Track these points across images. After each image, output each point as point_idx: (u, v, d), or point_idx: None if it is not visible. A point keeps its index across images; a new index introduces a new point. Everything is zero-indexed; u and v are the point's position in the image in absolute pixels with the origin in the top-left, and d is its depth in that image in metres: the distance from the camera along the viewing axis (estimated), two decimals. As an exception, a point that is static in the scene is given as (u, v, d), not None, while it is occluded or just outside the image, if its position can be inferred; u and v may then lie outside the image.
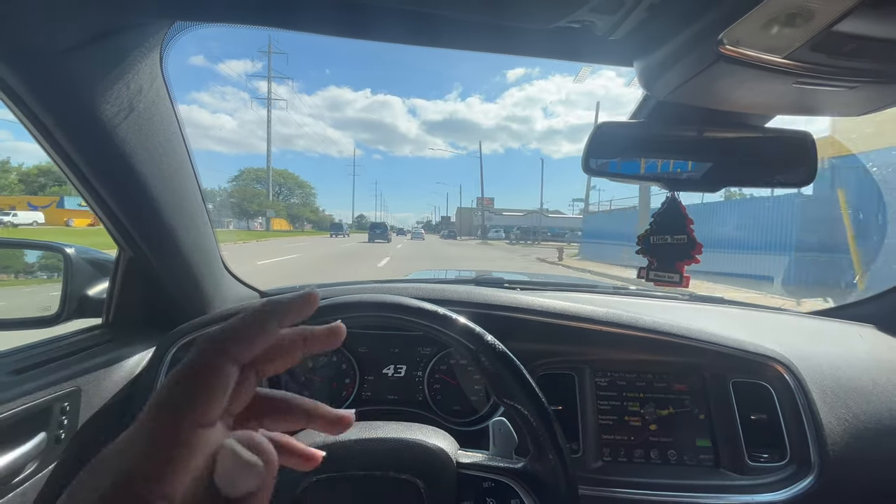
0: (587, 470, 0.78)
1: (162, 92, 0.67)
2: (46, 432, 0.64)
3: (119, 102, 0.59)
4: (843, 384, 0.81)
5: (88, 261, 0.87)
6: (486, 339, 0.53)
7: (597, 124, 0.71)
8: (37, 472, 0.62)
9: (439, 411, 0.88)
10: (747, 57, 0.45)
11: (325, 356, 0.91)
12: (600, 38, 0.53)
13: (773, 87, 0.50)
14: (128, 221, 0.74)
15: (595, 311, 0.86)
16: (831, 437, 0.75)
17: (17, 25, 0.49)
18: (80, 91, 0.56)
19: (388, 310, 0.55)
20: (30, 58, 0.51)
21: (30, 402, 0.62)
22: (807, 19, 0.40)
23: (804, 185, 0.69)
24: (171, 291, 0.88)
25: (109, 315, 0.87)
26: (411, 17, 0.53)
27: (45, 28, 0.50)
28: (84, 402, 0.70)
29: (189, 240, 0.84)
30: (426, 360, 0.91)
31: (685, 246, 0.76)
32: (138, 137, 0.65)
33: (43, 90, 0.55)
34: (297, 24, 0.55)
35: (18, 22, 0.48)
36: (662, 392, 0.84)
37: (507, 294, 0.91)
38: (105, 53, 0.56)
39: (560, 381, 0.85)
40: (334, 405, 0.99)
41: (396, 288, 0.94)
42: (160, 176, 0.72)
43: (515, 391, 0.52)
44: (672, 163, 0.73)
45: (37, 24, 0.49)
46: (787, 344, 0.86)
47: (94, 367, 0.74)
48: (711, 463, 0.79)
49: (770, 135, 0.69)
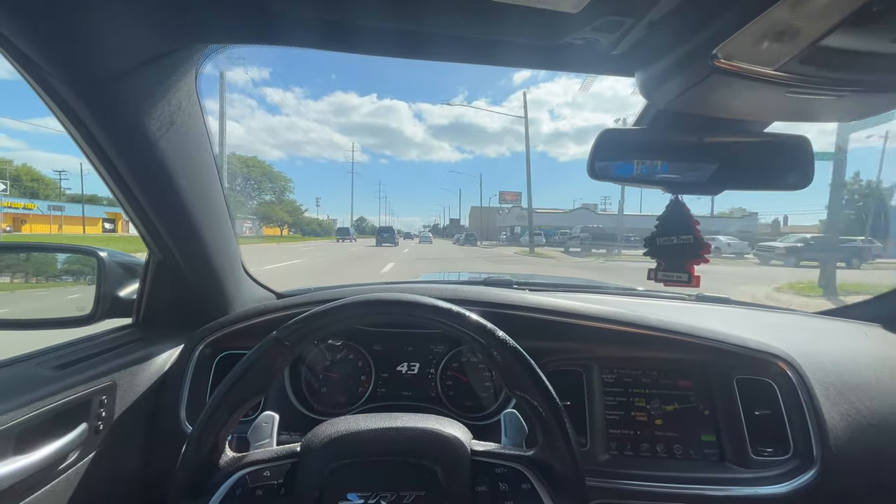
0: (595, 463, 0.81)
1: (196, 107, 0.72)
2: (87, 423, 0.69)
3: (161, 119, 0.64)
4: (847, 380, 0.83)
5: (119, 264, 0.92)
6: (497, 334, 0.57)
7: (601, 131, 0.75)
8: (79, 459, 0.67)
9: (451, 407, 0.91)
10: (740, 69, 0.48)
11: (342, 354, 0.95)
12: (603, 53, 0.56)
13: (767, 96, 0.53)
14: (162, 226, 0.79)
15: (602, 310, 0.89)
16: (833, 432, 0.77)
17: (78, 53, 0.54)
18: (128, 110, 0.62)
19: (405, 308, 0.58)
20: (88, 82, 0.57)
21: (72, 395, 0.66)
22: (794, 35, 0.43)
23: (802, 187, 0.72)
24: (196, 292, 0.93)
25: (140, 315, 0.92)
26: (422, 36, 0.57)
27: (100, 55, 0.56)
28: (119, 396, 0.75)
29: (214, 244, 0.89)
30: (439, 358, 0.94)
31: (692, 246, 0.78)
32: (175, 150, 0.70)
33: (97, 110, 0.60)
34: (320, 44, 0.59)
35: (79, 50, 0.54)
36: (668, 388, 0.87)
37: (516, 294, 0.95)
38: (150, 76, 0.61)
39: (568, 377, 0.88)
40: (351, 401, 1.03)
41: (410, 288, 0.98)
42: (192, 185, 0.77)
43: (527, 383, 0.55)
44: (674, 167, 0.76)
45: (94, 53, 0.55)
46: (790, 342, 0.88)
47: (127, 363, 0.78)
48: (716, 457, 0.81)
49: (768, 139, 0.72)
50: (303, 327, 0.56)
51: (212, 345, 0.89)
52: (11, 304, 0.96)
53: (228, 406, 0.54)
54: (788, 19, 0.42)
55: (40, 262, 1.01)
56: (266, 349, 0.55)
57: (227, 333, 0.89)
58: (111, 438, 0.72)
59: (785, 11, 0.40)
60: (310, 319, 0.56)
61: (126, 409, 0.76)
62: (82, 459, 0.68)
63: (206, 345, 0.88)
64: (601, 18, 0.47)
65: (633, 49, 0.55)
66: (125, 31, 0.55)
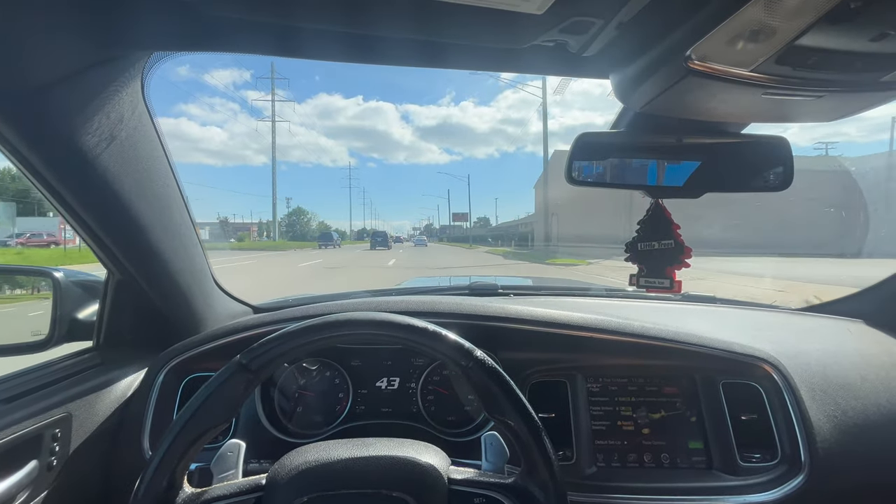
0: (581, 476, 0.78)
1: (144, 118, 0.67)
2: (38, 460, 0.64)
3: (99, 133, 0.59)
4: (832, 381, 0.82)
5: (77, 283, 0.87)
6: (475, 354, 0.54)
7: (578, 135, 0.72)
8: (29, 500, 0.62)
9: (433, 422, 0.88)
10: (715, 71, 0.46)
11: (317, 372, 0.92)
12: (574, 55, 0.54)
13: (743, 98, 0.51)
14: (113, 245, 0.75)
15: (585, 319, 0.87)
16: (820, 435, 0.76)
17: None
18: (59, 124, 0.57)
19: (378, 327, 0.55)
20: (9, 92, 0.52)
21: (20, 431, 0.62)
22: (769, 35, 0.41)
23: (782, 188, 0.70)
24: (161, 312, 0.88)
25: (100, 338, 0.87)
26: (390, 42, 0.54)
27: (21, 66, 0.51)
28: (76, 428, 0.70)
29: (178, 259, 0.84)
30: (419, 372, 0.91)
31: (673, 251, 0.77)
32: (121, 164, 0.66)
33: (22, 125, 0.55)
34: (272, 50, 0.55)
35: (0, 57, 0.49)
36: (654, 396, 0.85)
37: (498, 304, 0.92)
38: (83, 87, 0.57)
39: (552, 388, 0.85)
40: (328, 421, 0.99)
41: (388, 301, 0.94)
42: (145, 199, 0.72)
43: (506, 407, 0.53)
44: (653, 170, 0.74)
45: (13, 62, 0.50)
46: (775, 342, 0.87)
47: (84, 391, 0.73)
48: (704, 465, 0.80)
49: (747, 140, 0.70)
50: (268, 351, 0.52)
51: (177, 368, 0.84)
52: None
53: (186, 438, 0.50)
54: (763, 18, 0.40)
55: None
56: (228, 375, 0.51)
57: (194, 355, 0.85)
58: (66, 475, 0.68)
59: (759, 10, 0.38)
60: (275, 343, 0.53)
61: (82, 442, 0.71)
62: (33, 500, 0.63)
63: (170, 368, 0.83)
64: (567, 20, 0.45)
65: (605, 51, 0.52)
66: (45, 39, 0.50)
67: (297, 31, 0.51)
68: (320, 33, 0.51)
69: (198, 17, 0.50)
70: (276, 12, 0.46)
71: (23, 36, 0.49)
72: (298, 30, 0.51)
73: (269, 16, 0.47)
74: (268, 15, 0.47)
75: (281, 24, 0.50)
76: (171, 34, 0.54)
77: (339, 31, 0.50)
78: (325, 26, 0.49)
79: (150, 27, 0.53)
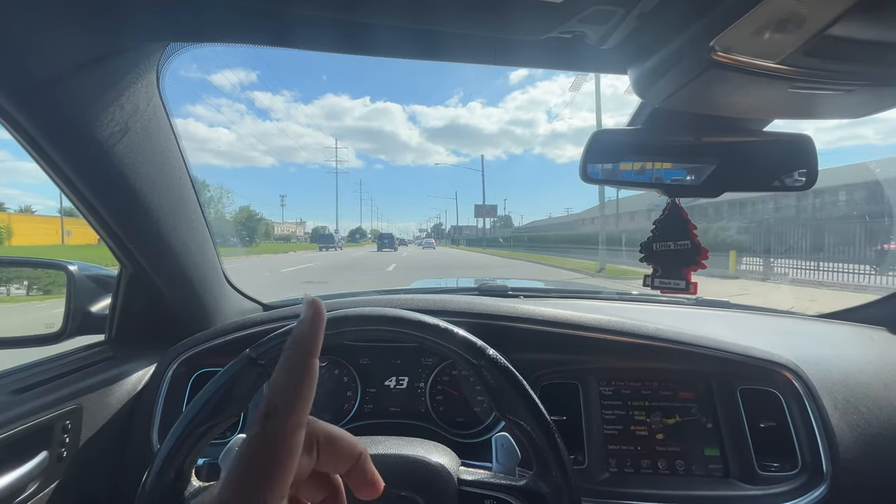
0: (593, 482, 0.76)
1: (159, 111, 0.68)
2: (48, 451, 0.64)
3: (114, 124, 0.59)
4: (854, 389, 0.79)
5: (91, 277, 0.88)
6: (488, 353, 0.53)
7: (593, 132, 0.71)
8: (38, 491, 0.62)
9: (442, 423, 0.87)
10: (740, 63, 0.44)
11: (325, 369, 0.91)
12: (593, 48, 0.53)
13: (768, 92, 0.49)
14: (127, 238, 0.75)
15: (598, 320, 0.85)
16: (843, 444, 0.73)
17: (10, 52, 0.50)
18: (75, 114, 0.57)
19: (389, 323, 0.55)
20: (24, 84, 0.52)
21: (31, 422, 0.62)
22: (798, 24, 0.40)
23: (805, 188, 0.68)
24: (172, 306, 0.89)
25: (112, 331, 0.87)
26: (404, 32, 0.53)
27: (36, 56, 0.51)
28: (86, 420, 0.70)
29: (189, 254, 0.85)
30: (428, 371, 0.90)
31: (689, 252, 0.75)
32: (135, 156, 0.66)
33: (38, 115, 0.56)
34: (291, 42, 0.55)
35: (12, 49, 0.49)
36: (668, 400, 0.83)
37: (509, 304, 0.91)
38: (99, 78, 0.57)
39: (564, 390, 0.83)
40: (336, 419, 0.98)
41: (398, 299, 0.93)
42: (158, 192, 0.73)
43: (518, 407, 0.52)
44: (671, 169, 0.72)
45: (31, 51, 0.50)
46: (795, 349, 0.84)
47: (95, 384, 0.74)
48: (720, 472, 0.77)
49: (769, 138, 0.68)
50: (278, 345, 0.52)
51: (187, 362, 0.84)
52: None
53: (195, 431, 0.49)
54: (792, 6, 0.38)
55: (8, 277, 0.96)
56: (238, 369, 0.51)
57: (205, 350, 0.85)
58: (76, 466, 0.68)
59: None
60: (284, 337, 0.52)
61: (93, 434, 0.71)
62: (43, 490, 0.63)
63: (181, 362, 0.83)
64: (588, 9, 0.44)
65: (625, 43, 0.51)
66: (59, 30, 0.50)
67: (322, 22, 0.50)
68: (340, 23, 0.50)
69: (213, 8, 0.50)
70: (287, 3, 0.45)
71: (38, 26, 0.49)
72: (329, 21, 0.50)
73: (296, 6, 0.46)
74: (294, 5, 0.46)
75: (311, 15, 0.49)
76: (185, 24, 0.54)
77: (356, 22, 0.50)
78: (354, 17, 0.48)
79: (164, 17, 0.53)
